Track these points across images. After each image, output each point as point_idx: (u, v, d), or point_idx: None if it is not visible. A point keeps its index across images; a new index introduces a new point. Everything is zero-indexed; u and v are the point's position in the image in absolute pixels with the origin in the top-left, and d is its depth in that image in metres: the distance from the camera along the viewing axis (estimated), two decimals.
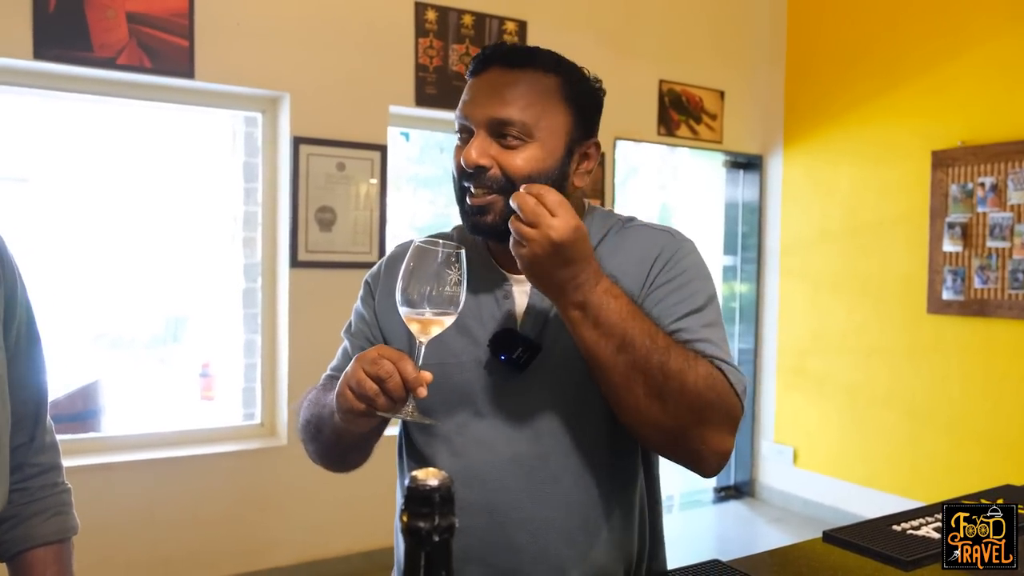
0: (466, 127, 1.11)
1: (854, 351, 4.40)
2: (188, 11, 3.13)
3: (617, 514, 1.15)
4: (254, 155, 5.93)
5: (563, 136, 1.12)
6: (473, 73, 1.14)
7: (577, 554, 1.11)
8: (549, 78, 1.11)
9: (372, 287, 1.28)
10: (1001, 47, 3.80)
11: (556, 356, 1.12)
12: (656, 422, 1.02)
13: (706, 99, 4.53)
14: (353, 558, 3.55)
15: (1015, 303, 3.74)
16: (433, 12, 3.67)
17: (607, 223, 1.21)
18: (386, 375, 0.92)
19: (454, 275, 0.97)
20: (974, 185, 3.89)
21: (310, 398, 1.22)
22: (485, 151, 1.08)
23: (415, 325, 0.99)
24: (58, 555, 1.10)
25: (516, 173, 1.08)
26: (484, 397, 1.13)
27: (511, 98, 1.08)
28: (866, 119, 4.36)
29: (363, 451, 1.19)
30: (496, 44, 1.16)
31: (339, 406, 0.98)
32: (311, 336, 3.45)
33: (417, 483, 0.52)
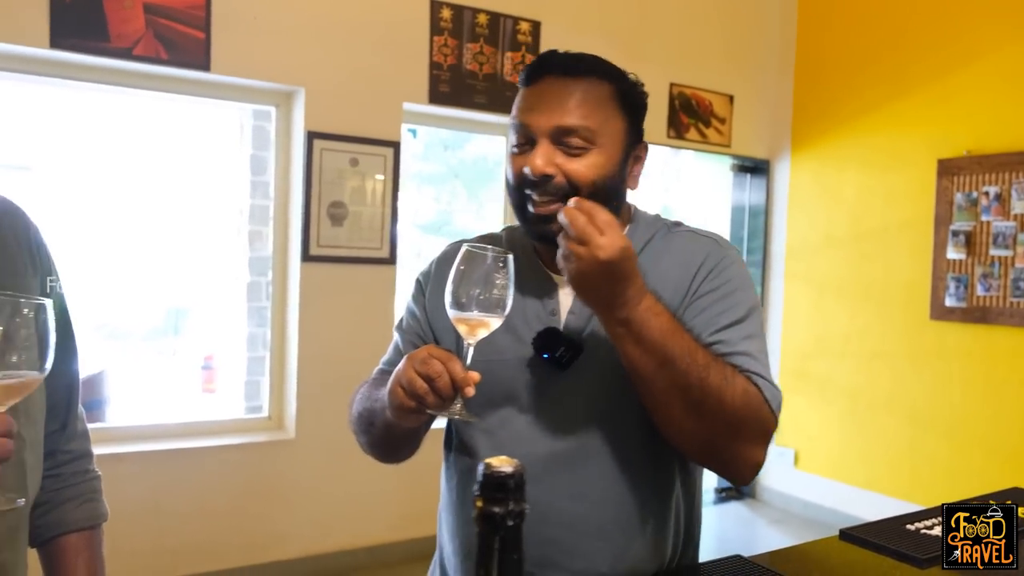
0: (527, 135, 1.12)
1: (856, 355, 4.43)
2: (205, 3, 3.15)
3: (653, 514, 1.18)
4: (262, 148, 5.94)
5: (620, 141, 1.15)
6: (528, 82, 1.15)
7: (611, 550, 1.14)
8: (604, 85, 1.14)
9: (423, 285, 1.29)
10: (1008, 58, 3.84)
11: (598, 357, 1.14)
12: (692, 435, 1.05)
13: (716, 103, 4.56)
14: (358, 552, 3.57)
15: (1016, 311, 3.78)
16: (448, 10, 3.69)
17: (652, 228, 1.23)
18: (436, 374, 0.95)
19: (502, 279, 0.99)
20: (979, 194, 3.92)
21: (362, 392, 1.25)
22: (550, 159, 1.09)
23: (463, 327, 1.01)
24: (89, 541, 1.11)
25: (581, 180, 1.10)
26: (526, 394, 1.16)
27: (572, 106, 1.10)
28: (873, 126, 4.39)
29: (413, 444, 1.22)
30: (549, 53, 1.17)
31: (391, 403, 1.01)
32: (321, 330, 3.47)
33: (492, 470, 0.55)
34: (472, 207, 9.66)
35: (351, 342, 3.53)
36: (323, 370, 3.48)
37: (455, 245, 1.33)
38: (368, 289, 3.58)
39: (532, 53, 3.92)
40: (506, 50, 3.86)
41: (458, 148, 9.17)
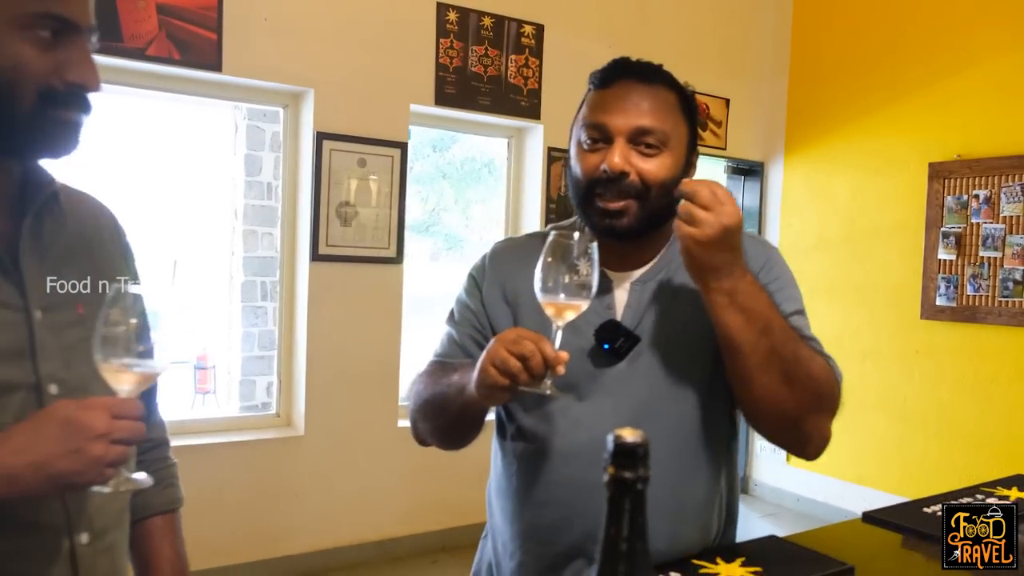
0: (605, 134, 1.19)
1: (848, 354, 4.53)
2: (217, 5, 3.19)
3: (703, 496, 1.26)
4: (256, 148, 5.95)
5: (684, 146, 1.23)
6: (602, 85, 1.22)
7: (665, 529, 1.20)
8: (672, 93, 1.22)
9: (478, 280, 1.35)
10: (999, 66, 3.96)
11: (652, 348, 1.21)
12: (781, 405, 1.13)
13: (712, 106, 4.65)
14: (366, 546, 3.62)
15: (1004, 310, 3.90)
16: (454, 13, 3.75)
17: None
18: (529, 354, 1.01)
19: (586, 265, 1.06)
20: (969, 197, 4.04)
21: (424, 382, 1.29)
22: (627, 158, 1.17)
23: (551, 309, 1.07)
24: (171, 523, 1.17)
25: (652, 179, 1.17)
26: (587, 382, 1.22)
27: (649, 108, 1.18)
28: (866, 131, 4.50)
29: (479, 426, 1.26)
30: (623, 59, 1.24)
31: (480, 382, 1.06)
32: (329, 329, 3.52)
33: (623, 440, 0.61)
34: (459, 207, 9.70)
35: (359, 341, 3.58)
36: (331, 368, 3.53)
37: (504, 241, 1.41)
38: (376, 288, 3.63)
39: (535, 56, 4.00)
40: (511, 53, 3.93)
41: (446, 149, 9.20)
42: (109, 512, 0.99)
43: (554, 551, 1.24)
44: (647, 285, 1.26)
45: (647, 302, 1.24)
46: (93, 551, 0.95)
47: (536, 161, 4.12)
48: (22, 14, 0.84)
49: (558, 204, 4.12)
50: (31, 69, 0.85)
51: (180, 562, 1.16)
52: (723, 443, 1.29)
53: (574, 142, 1.26)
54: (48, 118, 0.87)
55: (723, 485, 1.30)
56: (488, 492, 1.41)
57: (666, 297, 1.25)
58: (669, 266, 1.27)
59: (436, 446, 1.32)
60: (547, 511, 1.24)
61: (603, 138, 1.19)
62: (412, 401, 1.31)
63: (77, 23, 0.87)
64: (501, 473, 1.33)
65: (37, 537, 0.90)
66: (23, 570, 0.89)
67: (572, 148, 1.26)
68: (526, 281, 1.18)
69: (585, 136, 1.22)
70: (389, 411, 3.69)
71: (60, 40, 0.87)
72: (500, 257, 1.34)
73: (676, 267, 1.25)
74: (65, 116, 0.88)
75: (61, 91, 0.87)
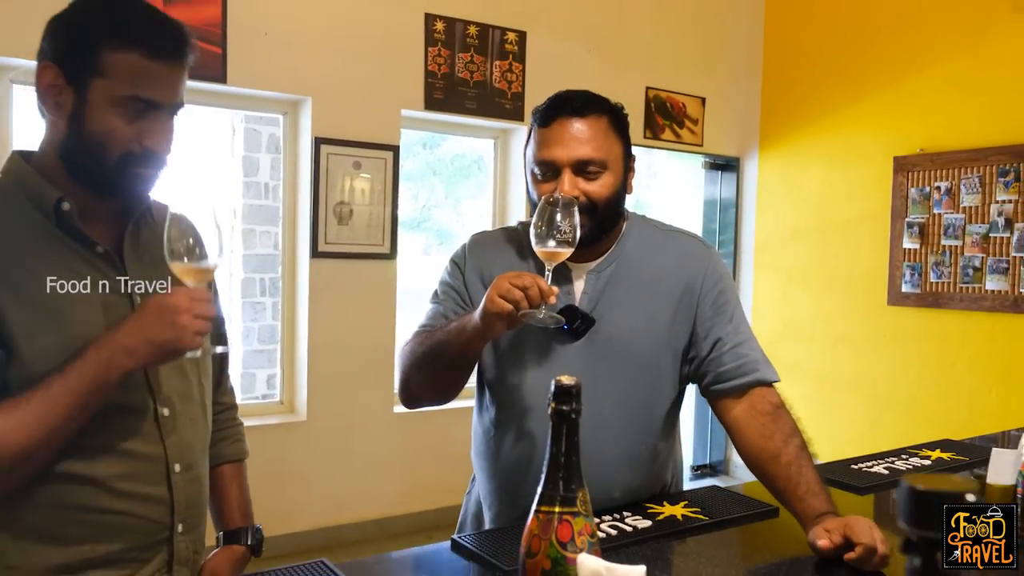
0: (553, 167, 1.41)
1: (822, 339, 4.79)
2: (221, 21, 3.40)
3: (651, 454, 1.51)
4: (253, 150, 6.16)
5: (621, 160, 1.46)
6: (544, 123, 1.43)
7: (621, 481, 1.45)
8: (603, 118, 1.44)
9: (460, 265, 1.57)
10: (957, 66, 4.20)
11: (606, 329, 1.45)
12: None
13: (689, 105, 4.89)
14: (365, 525, 3.86)
15: (965, 295, 4.15)
16: (441, 23, 3.97)
17: (644, 228, 1.56)
18: (529, 285, 1.25)
19: (569, 220, 1.30)
20: (931, 189, 4.29)
21: (417, 341, 1.48)
22: (575, 185, 1.40)
23: (544, 255, 1.32)
24: (239, 470, 1.46)
25: (598, 198, 1.41)
26: (553, 357, 1.46)
27: (586, 140, 1.40)
28: (835, 126, 4.74)
29: (469, 371, 1.46)
30: (557, 98, 1.45)
31: (485, 313, 1.28)
32: (329, 321, 3.75)
33: (562, 383, 0.84)
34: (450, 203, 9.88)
35: (357, 331, 3.81)
36: (331, 357, 3.76)
37: (480, 233, 1.65)
38: (372, 282, 3.86)
39: (519, 61, 4.22)
40: (495, 59, 4.15)
41: (435, 147, 9.38)
42: (195, 450, 1.26)
43: (524, 502, 1.48)
44: (601, 275, 1.49)
45: (601, 290, 1.47)
46: (183, 479, 1.22)
47: (521, 160, 4.34)
48: (119, 96, 1.11)
49: None
50: (117, 136, 1.12)
51: (245, 501, 1.44)
52: (672, 410, 1.53)
53: (528, 172, 1.48)
54: (127, 173, 1.14)
55: (673, 446, 1.55)
56: (472, 456, 1.65)
57: (618, 286, 1.49)
58: (619, 259, 1.50)
59: (427, 400, 1.51)
60: (517, 467, 1.48)
61: (551, 170, 1.42)
62: (405, 359, 1.49)
63: (160, 103, 1.13)
64: (480, 438, 1.57)
65: (145, 464, 1.18)
66: (136, 488, 1.17)
67: (528, 176, 1.49)
68: (500, 267, 1.43)
69: (538, 170, 1.44)
70: (385, 398, 3.93)
71: (145, 115, 1.13)
72: (478, 247, 1.58)
73: (625, 260, 1.50)
74: (141, 172, 1.14)
75: (139, 154, 1.13)
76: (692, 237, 1.60)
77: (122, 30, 1.11)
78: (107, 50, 1.10)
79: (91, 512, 1.13)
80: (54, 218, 1.14)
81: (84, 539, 1.13)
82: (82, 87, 1.11)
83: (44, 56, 1.14)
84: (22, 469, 1.06)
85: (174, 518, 1.21)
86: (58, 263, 1.12)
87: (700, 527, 1.39)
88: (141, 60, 1.11)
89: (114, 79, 1.10)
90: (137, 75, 1.11)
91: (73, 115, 1.12)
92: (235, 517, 1.42)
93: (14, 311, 1.07)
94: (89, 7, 1.16)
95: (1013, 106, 3.99)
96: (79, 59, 1.11)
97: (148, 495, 1.18)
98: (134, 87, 1.10)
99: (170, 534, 1.22)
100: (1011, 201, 3.99)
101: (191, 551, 1.26)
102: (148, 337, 1.07)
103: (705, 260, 1.53)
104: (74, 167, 1.14)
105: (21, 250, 1.11)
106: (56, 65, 1.12)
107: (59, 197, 1.13)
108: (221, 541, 1.40)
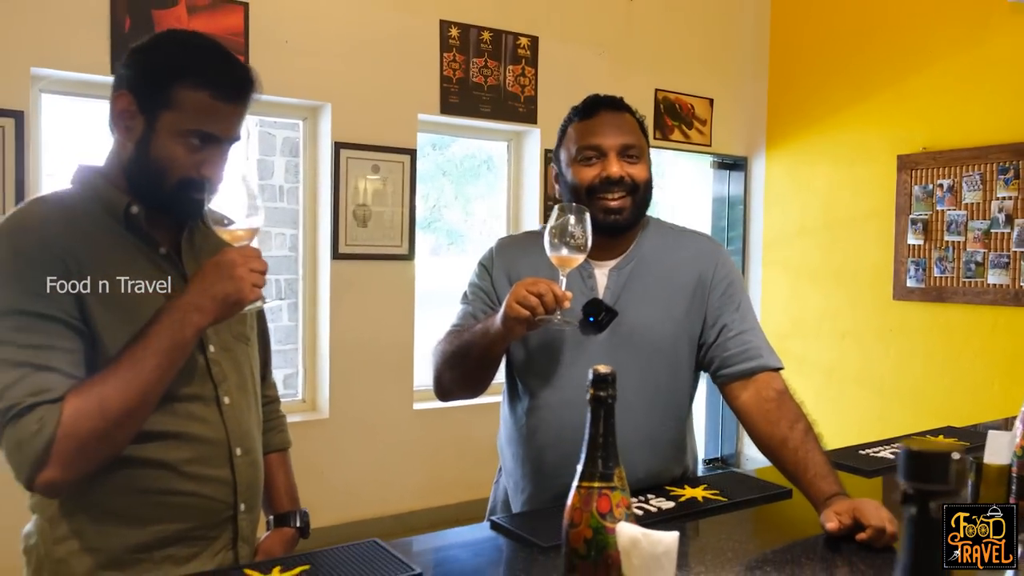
0: (598, 151, 1.55)
1: (829, 334, 4.89)
2: (244, 30, 3.52)
3: (672, 437, 1.63)
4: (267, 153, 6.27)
5: (648, 156, 1.61)
6: (585, 116, 1.59)
7: (642, 463, 1.56)
8: (633, 118, 1.61)
9: (487, 267, 1.68)
10: (959, 65, 4.29)
11: (629, 321, 1.56)
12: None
13: (697, 106, 4.99)
14: (385, 520, 3.97)
15: (968, 290, 4.24)
16: (456, 29, 4.08)
17: (661, 228, 1.69)
18: (544, 291, 1.36)
19: (581, 228, 1.42)
20: (934, 186, 4.38)
21: (448, 342, 1.60)
22: (622, 166, 1.55)
23: (557, 261, 1.42)
24: (284, 458, 1.59)
25: (640, 179, 1.57)
26: (576, 348, 1.57)
27: (627, 130, 1.57)
28: (840, 125, 4.84)
29: (495, 368, 1.58)
30: (597, 95, 1.62)
31: (506, 317, 1.39)
32: (350, 320, 3.86)
33: (600, 372, 0.95)
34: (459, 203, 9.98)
35: (377, 330, 3.93)
36: (352, 356, 3.87)
37: (506, 238, 1.77)
38: (391, 282, 3.98)
39: (531, 65, 4.32)
40: (508, 63, 4.26)
41: (445, 148, 9.49)
42: (253, 436, 1.38)
43: (555, 484, 1.59)
44: (622, 272, 1.61)
45: (622, 285, 1.59)
46: (244, 462, 1.34)
47: (534, 162, 4.46)
48: (184, 128, 1.22)
49: (555, 202, 4.46)
50: (178, 164, 1.23)
51: (292, 486, 1.58)
52: (687, 398, 1.64)
53: (565, 160, 1.61)
54: (182, 196, 1.25)
55: (690, 433, 1.66)
56: (499, 444, 1.75)
57: (637, 281, 1.60)
58: (638, 257, 1.63)
59: (459, 394, 1.62)
60: (548, 452, 1.58)
61: (597, 155, 1.56)
62: (437, 358, 1.61)
63: (220, 137, 1.25)
64: (512, 427, 1.67)
65: (211, 448, 1.30)
66: (204, 471, 1.28)
67: (564, 165, 1.61)
68: (526, 268, 1.54)
69: (579, 155, 1.57)
70: (405, 395, 4.04)
71: (205, 147, 1.24)
72: (504, 250, 1.70)
73: (643, 258, 1.62)
74: (195, 196, 1.25)
75: (196, 180, 1.24)
76: (703, 236, 1.75)
77: (195, 71, 1.22)
78: (179, 87, 1.21)
79: (164, 494, 1.24)
80: (123, 222, 1.25)
81: (158, 519, 1.25)
82: (152, 117, 1.23)
83: (121, 84, 1.26)
84: (127, 427, 1.17)
85: (237, 498, 1.33)
86: (128, 262, 1.25)
87: (720, 508, 1.50)
88: (209, 99, 1.22)
89: (182, 113, 1.22)
90: (203, 112, 1.22)
91: (141, 140, 1.24)
92: (284, 502, 1.55)
93: (96, 305, 1.19)
94: (168, 45, 1.28)
95: (1012, 106, 4.08)
96: (153, 92, 1.23)
97: (214, 477, 1.29)
98: (199, 122, 1.22)
99: (234, 513, 1.33)
100: (1011, 198, 4.08)
101: (250, 530, 1.38)
102: (212, 294, 1.18)
103: (715, 256, 1.66)
104: (136, 185, 1.26)
105: (98, 250, 1.22)
106: (131, 93, 1.24)
107: (128, 202, 1.25)
108: (271, 524, 1.52)
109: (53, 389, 1.12)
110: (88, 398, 1.13)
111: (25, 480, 1.14)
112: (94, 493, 1.21)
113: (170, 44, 1.28)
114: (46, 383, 1.12)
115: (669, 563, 0.89)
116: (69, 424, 1.11)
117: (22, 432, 1.11)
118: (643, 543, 0.89)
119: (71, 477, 1.14)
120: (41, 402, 1.11)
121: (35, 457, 1.11)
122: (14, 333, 1.13)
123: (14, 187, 3.10)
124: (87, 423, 1.12)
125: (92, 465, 1.16)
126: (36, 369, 1.12)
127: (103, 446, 1.15)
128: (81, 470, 1.15)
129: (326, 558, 1.22)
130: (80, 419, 1.11)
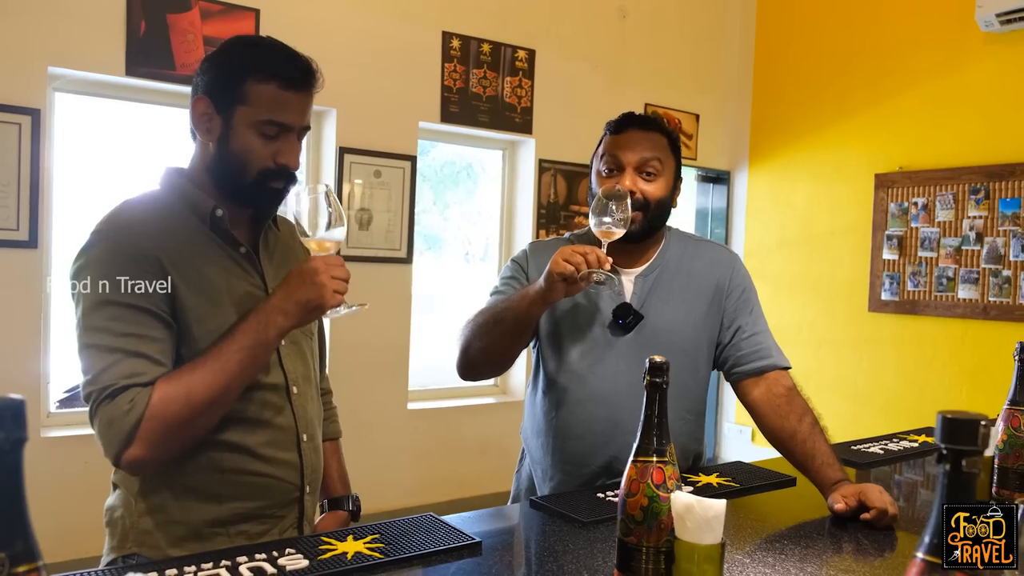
0: (619, 165, 1.68)
1: (807, 343, 5.08)
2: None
3: (690, 430, 1.77)
4: None
5: (671, 174, 1.73)
6: (616, 131, 1.72)
7: None
8: (663, 138, 1.72)
9: (522, 264, 1.81)
10: (934, 90, 4.52)
11: (653, 323, 1.70)
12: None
13: (684, 121, 5.17)
14: (380, 516, 4.05)
15: (940, 303, 4.46)
16: (457, 40, 4.21)
17: (682, 238, 1.84)
18: (589, 251, 1.49)
19: (621, 207, 1.56)
20: (909, 204, 4.60)
21: (480, 314, 1.69)
22: (635, 182, 1.67)
23: (600, 234, 1.56)
24: (337, 447, 1.71)
25: (652, 197, 1.68)
26: (605, 347, 1.71)
27: (650, 147, 1.69)
28: (821, 144, 5.05)
29: (528, 337, 1.68)
30: (630, 113, 1.75)
31: (549, 275, 1.50)
32: (350, 322, 3.94)
33: (655, 361, 1.08)
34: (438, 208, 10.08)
35: (375, 332, 4.03)
36: (351, 357, 3.97)
37: (537, 242, 1.90)
38: (389, 285, 4.09)
39: (528, 77, 4.47)
40: (506, 75, 4.40)
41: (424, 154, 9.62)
42: (315, 423, 1.49)
43: (584, 472, 1.72)
44: (647, 278, 1.75)
45: (648, 290, 1.73)
46: (309, 447, 1.45)
47: (528, 171, 4.60)
48: (258, 120, 1.32)
49: (548, 210, 4.61)
50: (256, 155, 1.33)
51: (344, 473, 1.70)
52: (704, 393, 1.79)
53: (595, 171, 1.75)
54: (263, 186, 1.35)
55: (703, 425, 1.80)
56: (524, 435, 1.88)
57: (661, 287, 1.75)
58: (662, 265, 1.77)
59: (484, 368, 1.72)
60: (578, 443, 1.71)
61: (616, 168, 1.69)
62: (467, 330, 1.70)
63: (291, 126, 1.35)
64: (540, 418, 1.79)
65: (282, 433, 1.40)
66: (276, 454, 1.39)
67: (593, 176, 1.76)
68: None
69: (603, 166, 1.71)
70: (400, 395, 4.15)
71: (279, 136, 1.34)
72: (537, 251, 1.83)
73: (666, 265, 1.76)
74: (275, 185, 1.35)
75: (274, 169, 1.35)
76: (719, 245, 1.91)
77: (262, 65, 1.33)
78: (250, 82, 1.32)
79: (241, 474, 1.35)
80: (208, 222, 1.36)
81: (235, 497, 1.35)
82: (228, 115, 1.33)
83: (197, 90, 1.36)
84: (209, 415, 1.26)
85: (303, 480, 1.43)
86: (213, 259, 1.36)
87: (733, 492, 1.64)
88: (277, 90, 1.33)
89: (255, 106, 1.32)
90: (273, 103, 1.33)
91: (221, 138, 1.34)
92: (337, 487, 1.66)
93: (188, 298, 1.29)
94: (236, 47, 1.39)
95: (984, 130, 4.32)
96: (227, 90, 1.33)
97: (285, 460, 1.40)
98: (270, 112, 1.32)
99: (300, 494, 1.44)
100: (981, 217, 4.31)
101: (312, 511, 1.49)
102: (296, 298, 1.27)
103: (731, 264, 1.82)
104: (220, 181, 1.37)
105: (187, 248, 1.33)
106: (208, 97, 1.34)
107: (214, 205, 1.35)
108: (326, 507, 1.62)
109: (145, 373, 1.22)
110: (177, 385, 1.23)
111: (113, 456, 1.23)
112: (178, 471, 1.31)
113: (238, 46, 1.38)
114: (138, 368, 1.22)
115: (718, 525, 1.04)
116: (157, 407, 1.20)
117: (115, 411, 1.20)
118: (696, 508, 1.03)
119: (154, 457, 1.23)
120: (133, 384, 1.21)
121: (124, 435, 1.20)
122: (110, 322, 1.23)
123: (29, 181, 3.17)
124: (173, 408, 1.21)
125: (174, 448, 1.25)
126: (129, 355, 1.22)
127: (186, 431, 1.24)
128: (163, 451, 1.24)
129: (391, 528, 1.34)
130: (168, 404, 1.21)
